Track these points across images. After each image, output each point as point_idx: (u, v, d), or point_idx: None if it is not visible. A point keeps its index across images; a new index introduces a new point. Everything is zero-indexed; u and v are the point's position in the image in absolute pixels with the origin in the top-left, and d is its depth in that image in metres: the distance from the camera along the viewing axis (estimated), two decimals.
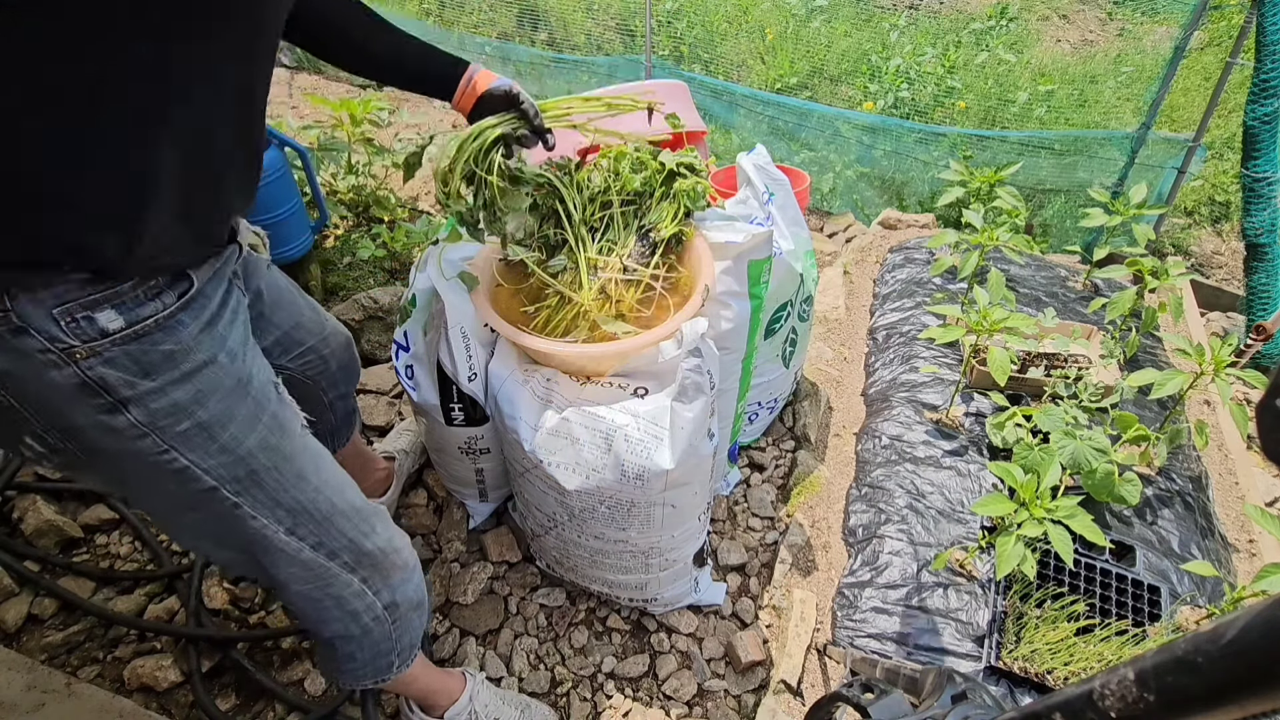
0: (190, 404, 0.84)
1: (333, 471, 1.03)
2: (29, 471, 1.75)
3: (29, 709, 1.34)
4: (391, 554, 1.09)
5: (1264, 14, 2.36)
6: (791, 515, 1.85)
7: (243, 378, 0.90)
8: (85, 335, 0.75)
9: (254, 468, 0.91)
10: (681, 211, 1.45)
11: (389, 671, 1.18)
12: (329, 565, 1.02)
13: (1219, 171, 3.95)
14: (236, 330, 0.92)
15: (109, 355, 0.78)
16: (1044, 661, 1.45)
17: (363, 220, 2.90)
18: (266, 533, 0.95)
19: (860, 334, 2.57)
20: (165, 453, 0.84)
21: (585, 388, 1.36)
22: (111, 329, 0.77)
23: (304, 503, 0.97)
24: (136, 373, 0.80)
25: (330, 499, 1.00)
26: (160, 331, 0.81)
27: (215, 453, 0.88)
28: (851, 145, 3.67)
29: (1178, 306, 2.09)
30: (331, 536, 1.01)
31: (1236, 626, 0.41)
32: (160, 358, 0.81)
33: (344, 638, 1.09)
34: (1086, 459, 1.68)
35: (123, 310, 0.78)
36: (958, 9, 5.06)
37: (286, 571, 0.99)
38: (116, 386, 0.79)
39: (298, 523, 0.97)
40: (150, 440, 0.83)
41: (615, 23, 4.59)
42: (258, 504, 0.93)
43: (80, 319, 0.75)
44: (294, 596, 1.03)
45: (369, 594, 1.07)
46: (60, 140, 0.70)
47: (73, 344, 0.75)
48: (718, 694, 1.54)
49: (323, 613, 1.06)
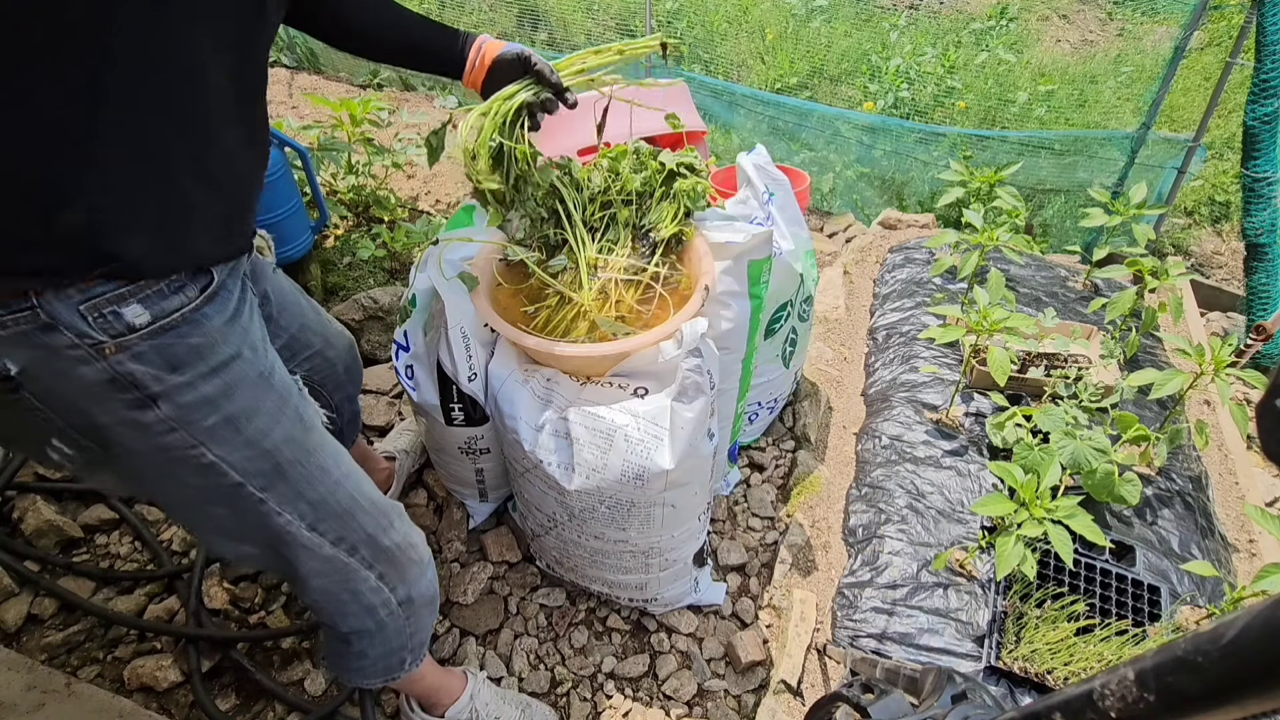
0: (218, 397, 0.84)
1: (351, 467, 1.04)
2: (29, 471, 1.75)
3: (29, 709, 1.34)
4: (408, 549, 1.10)
5: (1264, 14, 2.36)
6: (791, 515, 1.85)
7: (265, 371, 0.91)
8: (113, 330, 0.75)
9: (279, 461, 0.92)
10: (681, 211, 1.45)
11: (400, 669, 1.18)
12: (348, 561, 1.02)
13: (1219, 171, 3.95)
14: (256, 325, 0.93)
15: (137, 350, 0.78)
16: (1044, 661, 1.45)
17: (363, 220, 2.90)
18: (290, 528, 0.95)
19: (860, 334, 2.57)
20: (194, 448, 0.85)
21: (585, 388, 1.36)
22: (139, 323, 0.77)
23: (325, 497, 0.97)
24: (164, 367, 0.80)
25: (350, 494, 1.01)
26: (186, 325, 0.81)
27: (241, 446, 0.88)
28: (851, 145, 3.67)
29: (1178, 306, 2.09)
30: (351, 531, 1.01)
31: (1236, 626, 0.41)
32: (187, 351, 0.81)
33: (359, 633, 1.10)
34: (1086, 459, 1.68)
35: (149, 304, 0.78)
36: (958, 9, 5.07)
37: (307, 566, 1.00)
38: (145, 381, 0.79)
39: (319, 517, 0.98)
40: (179, 435, 0.83)
41: (615, 23, 4.59)
42: (282, 499, 0.93)
43: (108, 314, 0.75)
44: (313, 592, 1.04)
45: (385, 589, 1.08)
46: (95, 149, 0.70)
47: (101, 339, 0.75)
48: (718, 694, 1.54)
49: (340, 607, 1.06)
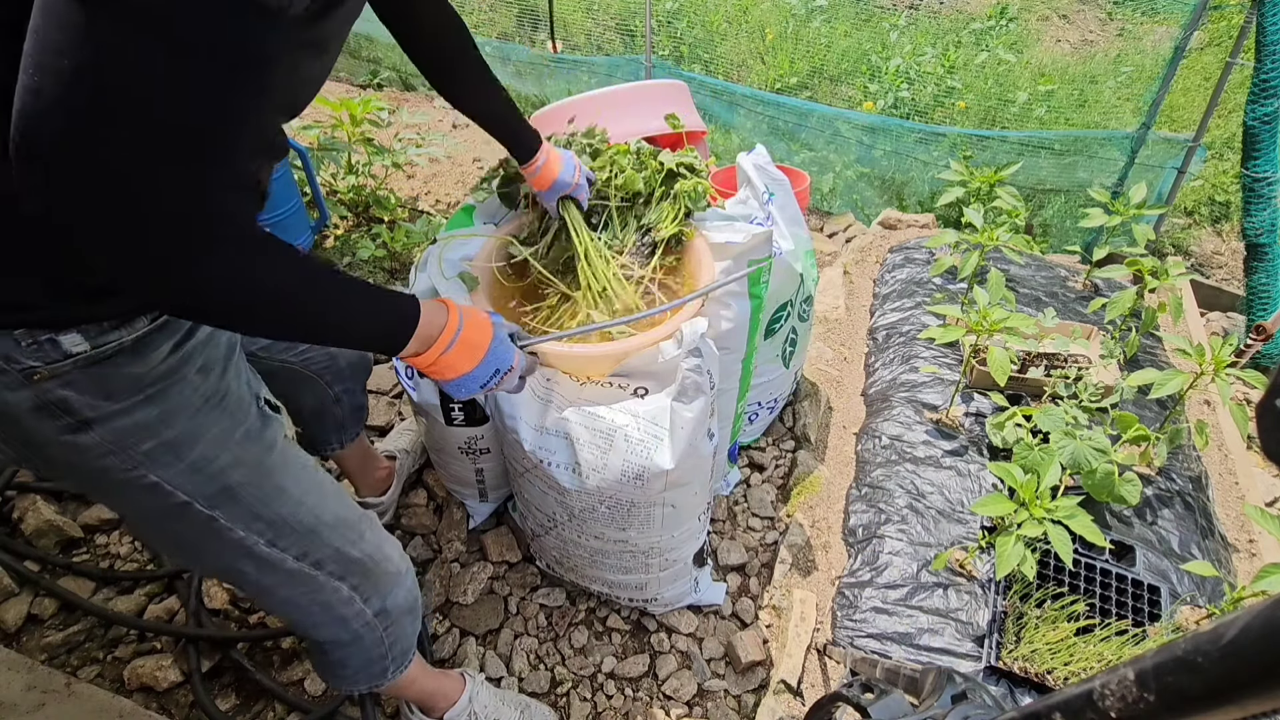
0: (155, 424, 0.81)
1: (315, 482, 1.00)
2: (29, 471, 1.75)
3: (29, 709, 1.34)
4: (382, 561, 1.07)
5: (1264, 14, 2.36)
6: (791, 515, 1.85)
7: (214, 395, 0.87)
8: (47, 358, 0.72)
9: (227, 484, 0.88)
10: (682, 211, 1.45)
11: (383, 677, 1.17)
12: (314, 575, 1.00)
13: (1219, 171, 3.95)
14: (213, 346, 0.89)
15: (70, 378, 0.74)
16: (1044, 661, 1.45)
17: (363, 220, 2.90)
18: (247, 543, 0.92)
19: (860, 334, 2.57)
20: (132, 470, 0.82)
21: (585, 388, 1.36)
22: (75, 351, 0.73)
23: (285, 516, 0.94)
24: (99, 394, 0.77)
25: (313, 512, 0.97)
26: (124, 355, 0.77)
27: (184, 471, 0.85)
28: (851, 145, 3.67)
29: (1177, 306, 2.09)
30: (316, 548, 0.98)
31: (1236, 626, 0.41)
32: (124, 380, 0.78)
33: (334, 643, 1.08)
34: (1086, 459, 1.68)
35: (89, 335, 0.74)
36: (958, 9, 5.07)
37: (270, 579, 0.97)
38: (78, 408, 0.76)
39: (278, 535, 0.94)
40: (116, 459, 0.80)
41: (615, 23, 4.60)
42: (234, 518, 0.90)
43: (44, 341, 0.72)
44: (278, 604, 1.01)
45: (358, 601, 1.06)
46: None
47: (33, 365, 0.72)
48: (718, 694, 1.54)
49: (310, 619, 1.04)
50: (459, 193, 3.43)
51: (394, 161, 2.87)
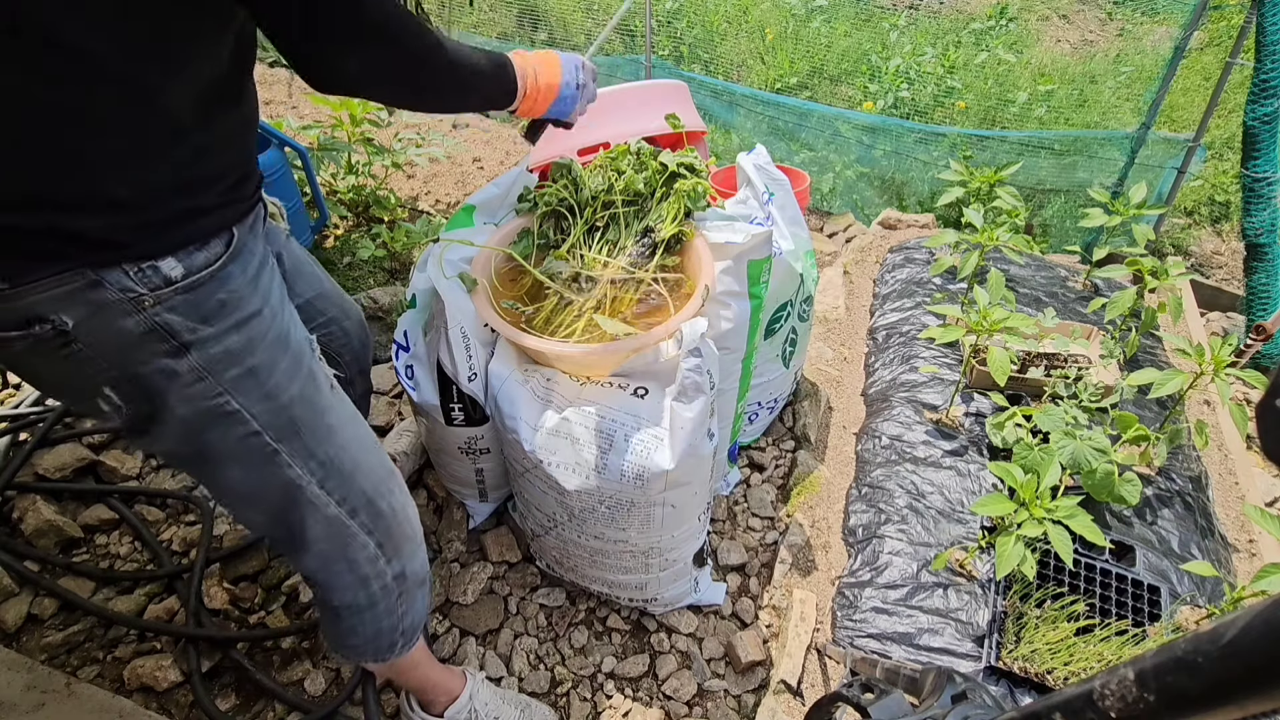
0: (241, 351, 0.91)
1: (358, 429, 1.08)
2: (29, 471, 1.75)
3: (29, 709, 1.34)
4: (404, 521, 1.13)
5: (1264, 14, 2.36)
6: (791, 515, 1.85)
7: (282, 331, 0.97)
8: (152, 284, 0.83)
9: (293, 416, 0.97)
10: (682, 211, 1.45)
11: (390, 651, 1.19)
12: (349, 523, 1.05)
13: (1219, 171, 3.95)
14: (275, 286, 0.98)
15: (172, 303, 0.85)
16: (1044, 661, 1.45)
17: (363, 220, 2.90)
18: (300, 482, 0.99)
19: (860, 334, 2.57)
20: (219, 395, 0.90)
21: (585, 388, 1.36)
22: (174, 276, 0.84)
23: (333, 456, 1.02)
24: (196, 319, 0.87)
25: (354, 455, 1.05)
26: (213, 282, 0.88)
27: (261, 399, 0.93)
28: (851, 145, 3.67)
29: (1177, 306, 2.09)
30: (354, 493, 1.05)
31: (1236, 626, 0.41)
32: (216, 305, 0.88)
33: (350, 608, 1.11)
34: (1086, 459, 1.68)
35: (181, 259, 0.85)
36: (958, 9, 5.07)
37: (313, 530, 1.03)
38: (179, 331, 0.86)
39: (328, 475, 1.01)
40: (206, 383, 0.89)
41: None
42: (294, 453, 0.98)
43: (147, 268, 0.82)
44: (313, 558, 1.06)
45: (381, 560, 1.10)
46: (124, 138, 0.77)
47: (142, 293, 0.82)
48: (718, 694, 1.54)
49: (336, 578, 1.08)
50: (459, 193, 3.43)
51: (394, 161, 2.87)
